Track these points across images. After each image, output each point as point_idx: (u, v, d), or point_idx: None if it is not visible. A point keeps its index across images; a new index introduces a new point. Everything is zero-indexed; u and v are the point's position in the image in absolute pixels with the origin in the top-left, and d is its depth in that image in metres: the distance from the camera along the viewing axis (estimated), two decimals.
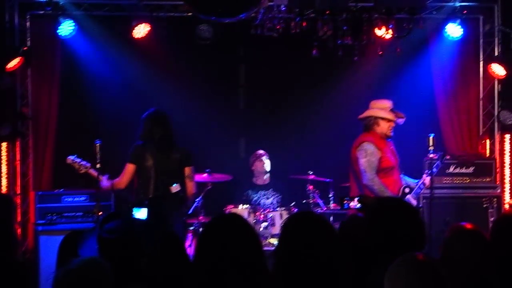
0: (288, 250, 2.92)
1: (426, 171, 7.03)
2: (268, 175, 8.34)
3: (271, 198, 8.17)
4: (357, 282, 3.01)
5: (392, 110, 6.94)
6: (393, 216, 3.22)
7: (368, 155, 6.76)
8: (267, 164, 8.28)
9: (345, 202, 6.97)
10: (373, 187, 6.67)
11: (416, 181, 7.01)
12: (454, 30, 8.31)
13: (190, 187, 6.79)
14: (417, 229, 3.23)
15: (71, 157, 6.90)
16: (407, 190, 6.83)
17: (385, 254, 3.09)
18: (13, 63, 7.89)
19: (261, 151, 8.31)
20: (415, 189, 6.88)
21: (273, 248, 7.19)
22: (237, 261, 2.78)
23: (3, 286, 3.40)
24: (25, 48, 8.10)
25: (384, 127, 6.88)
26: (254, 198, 8.17)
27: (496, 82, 8.66)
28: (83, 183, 7.54)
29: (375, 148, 6.76)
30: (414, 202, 6.79)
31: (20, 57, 7.94)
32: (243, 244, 2.84)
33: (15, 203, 7.45)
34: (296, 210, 7.73)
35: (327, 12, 7.23)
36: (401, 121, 6.96)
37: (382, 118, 6.88)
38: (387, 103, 6.97)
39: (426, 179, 6.95)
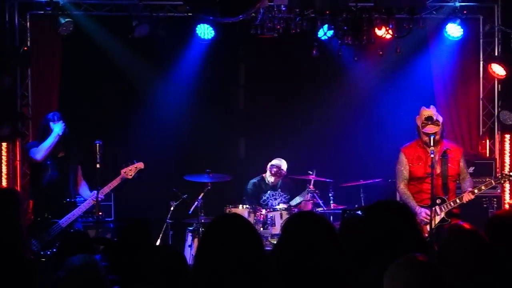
0: (288, 250, 2.92)
1: (469, 189, 6.79)
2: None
3: (279, 199, 8.16)
4: (355, 281, 3.01)
5: (428, 118, 6.77)
6: (388, 218, 3.21)
7: (398, 164, 6.96)
8: (280, 182, 8.26)
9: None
10: (399, 194, 6.92)
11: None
12: (454, 30, 8.31)
13: None
14: (412, 231, 3.21)
15: None
16: (438, 201, 6.68)
17: (379, 255, 3.11)
18: None
19: (284, 171, 8.16)
20: (446, 203, 6.71)
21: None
22: (239, 260, 2.78)
23: (10, 283, 3.41)
24: (25, 48, 8.10)
25: (423, 136, 6.81)
26: (263, 198, 8.16)
27: (496, 82, 8.66)
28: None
29: (404, 157, 6.90)
30: (439, 214, 6.66)
31: None
32: (245, 243, 2.84)
33: (21, 197, 7.46)
34: (296, 210, 7.73)
35: (327, 12, 7.22)
36: (429, 129, 6.72)
37: (418, 126, 6.84)
38: (425, 111, 6.85)
39: (466, 196, 6.73)
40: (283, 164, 8.16)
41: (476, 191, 6.75)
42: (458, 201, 6.75)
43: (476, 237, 3.18)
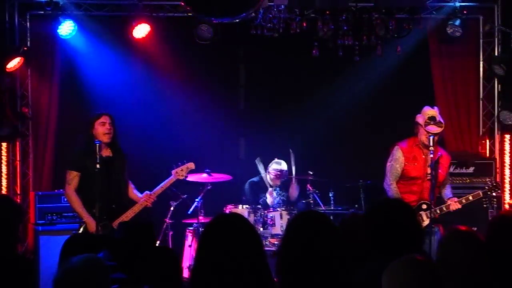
0: (291, 248, 2.92)
1: (451, 197, 6.80)
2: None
3: (277, 198, 8.16)
4: (355, 278, 3.02)
5: (431, 118, 6.74)
6: (390, 216, 3.25)
7: (392, 160, 6.85)
8: (279, 184, 8.23)
9: None
10: (388, 192, 6.79)
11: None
12: (454, 30, 8.31)
13: None
14: (413, 228, 3.25)
15: None
16: (424, 206, 6.66)
17: (382, 252, 3.13)
18: (13, 63, 7.89)
19: (285, 174, 8.16)
20: (432, 209, 6.64)
21: (273, 248, 7.19)
22: (239, 260, 2.78)
23: (7, 280, 3.42)
24: (25, 48, 8.10)
25: (422, 135, 6.77)
26: (262, 199, 8.16)
27: (496, 82, 8.66)
28: None
29: (401, 155, 6.80)
30: (425, 220, 6.60)
31: (20, 57, 7.94)
32: (244, 243, 2.84)
33: (24, 212, 7.44)
34: (296, 210, 7.73)
35: (327, 12, 7.23)
36: (432, 129, 6.69)
37: (420, 124, 6.82)
38: (429, 110, 6.84)
39: (453, 205, 6.70)
40: (284, 166, 8.16)
41: (463, 201, 6.75)
42: (444, 209, 6.72)
43: (472, 238, 3.19)
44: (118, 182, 6.58)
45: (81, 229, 6.38)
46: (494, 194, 7.08)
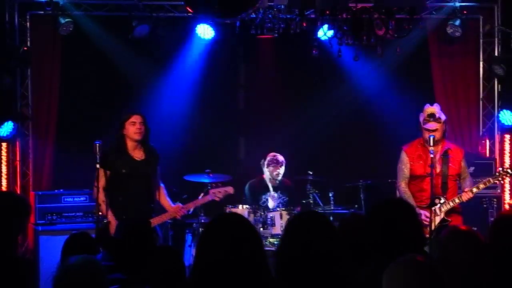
0: (290, 249, 2.92)
1: (467, 188, 6.76)
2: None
3: (278, 200, 8.13)
4: (354, 278, 3.02)
5: (430, 115, 6.76)
6: (392, 215, 3.25)
7: (399, 162, 6.94)
8: (280, 173, 8.13)
9: None
10: (399, 193, 6.86)
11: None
12: (454, 30, 8.32)
13: None
14: (415, 229, 3.25)
15: None
16: (436, 201, 6.66)
17: (383, 252, 3.13)
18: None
19: (280, 158, 8.09)
20: (445, 202, 6.66)
21: (273, 248, 7.19)
22: (238, 260, 2.78)
23: (6, 281, 3.42)
24: (25, 48, 8.10)
25: (424, 133, 6.78)
26: (263, 200, 8.14)
27: (496, 82, 8.67)
28: (83, 183, 7.58)
29: (405, 156, 6.89)
30: (439, 214, 6.64)
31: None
32: (244, 243, 2.84)
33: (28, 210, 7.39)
34: (295, 210, 7.72)
35: (327, 12, 7.23)
36: (430, 126, 6.71)
37: (420, 123, 6.84)
38: (429, 108, 6.84)
39: (465, 195, 6.69)
40: (278, 155, 8.13)
41: (474, 189, 6.75)
42: (457, 200, 6.73)
43: (472, 238, 3.19)
44: (148, 185, 6.46)
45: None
46: (505, 178, 7.01)
